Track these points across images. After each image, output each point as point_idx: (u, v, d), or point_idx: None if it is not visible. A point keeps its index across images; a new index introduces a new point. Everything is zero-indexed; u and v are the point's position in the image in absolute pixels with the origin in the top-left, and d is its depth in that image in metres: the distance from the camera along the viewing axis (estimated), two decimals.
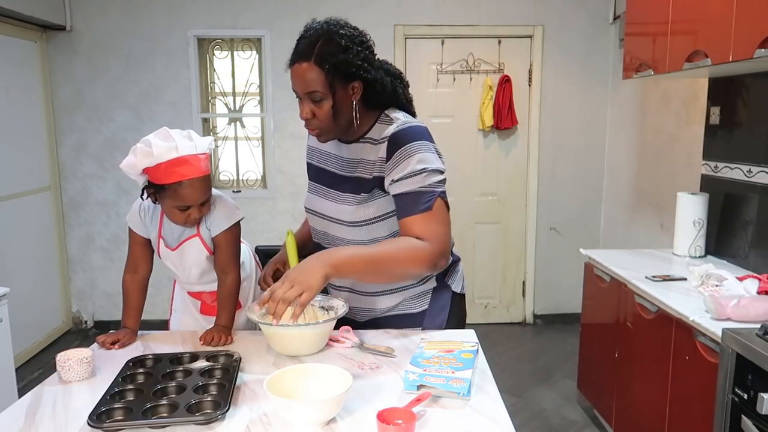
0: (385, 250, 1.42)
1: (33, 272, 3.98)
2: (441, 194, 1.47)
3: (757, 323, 1.77)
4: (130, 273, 1.72)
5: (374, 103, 1.53)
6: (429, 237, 1.43)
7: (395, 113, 1.54)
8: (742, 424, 1.65)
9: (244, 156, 4.41)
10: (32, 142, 4.01)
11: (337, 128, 1.49)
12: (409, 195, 1.45)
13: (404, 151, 1.45)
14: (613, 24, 4.17)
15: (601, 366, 2.83)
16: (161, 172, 1.51)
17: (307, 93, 1.43)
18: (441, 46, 4.22)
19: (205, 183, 1.56)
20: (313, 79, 1.40)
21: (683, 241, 2.74)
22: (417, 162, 1.44)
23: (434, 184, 1.45)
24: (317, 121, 1.46)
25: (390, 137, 1.48)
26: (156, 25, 4.15)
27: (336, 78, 1.41)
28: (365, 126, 1.54)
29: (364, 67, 1.44)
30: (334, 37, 1.42)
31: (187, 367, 1.40)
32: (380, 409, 1.13)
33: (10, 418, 1.21)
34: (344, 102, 1.45)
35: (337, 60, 1.40)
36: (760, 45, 1.92)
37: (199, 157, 1.55)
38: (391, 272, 1.45)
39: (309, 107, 1.45)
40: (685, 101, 3.17)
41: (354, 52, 1.42)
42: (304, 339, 1.45)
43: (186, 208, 1.56)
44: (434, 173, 1.46)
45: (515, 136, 4.33)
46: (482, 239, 4.43)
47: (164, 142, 1.51)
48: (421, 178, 1.44)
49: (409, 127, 1.49)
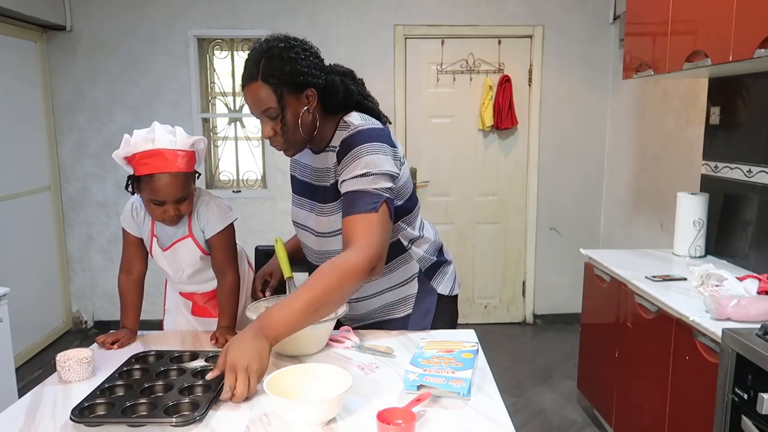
0: (316, 287, 1.30)
1: (33, 272, 3.98)
2: (387, 199, 1.42)
3: (757, 323, 1.77)
4: (124, 273, 1.72)
5: (332, 108, 1.52)
6: (366, 240, 1.36)
7: (352, 118, 1.51)
8: (742, 424, 1.65)
9: (244, 156, 4.41)
10: (32, 142, 4.01)
11: (301, 140, 1.49)
12: (354, 194, 1.41)
13: (353, 154, 1.43)
14: (613, 24, 4.17)
15: (601, 366, 2.83)
16: (136, 162, 1.51)
17: (262, 112, 1.43)
18: (441, 46, 4.22)
19: (178, 180, 1.52)
20: (265, 97, 1.41)
21: (683, 241, 2.74)
22: (364, 165, 1.41)
23: (381, 188, 1.41)
24: (279, 138, 1.46)
25: (341, 142, 1.47)
26: (156, 25, 4.15)
27: (286, 91, 1.41)
28: (328, 133, 1.54)
29: (311, 73, 1.44)
30: (274, 51, 1.41)
31: (182, 366, 1.41)
32: (380, 409, 1.14)
33: (10, 418, 1.21)
34: (299, 113, 1.44)
35: (283, 72, 1.40)
36: (760, 45, 1.92)
37: (177, 152, 1.52)
38: (332, 302, 1.34)
39: (269, 125, 1.45)
40: (685, 101, 3.17)
41: (298, 62, 1.42)
42: (304, 339, 1.45)
43: (160, 203, 1.54)
44: (381, 177, 1.42)
45: (515, 136, 4.33)
46: (482, 239, 4.43)
47: (144, 133, 1.52)
48: (368, 181, 1.41)
49: (360, 130, 1.46)
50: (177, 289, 1.81)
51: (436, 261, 1.68)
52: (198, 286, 1.77)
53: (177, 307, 1.84)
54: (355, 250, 1.35)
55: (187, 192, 1.57)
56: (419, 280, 1.64)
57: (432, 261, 1.67)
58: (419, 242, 1.64)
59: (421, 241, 1.65)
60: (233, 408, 1.23)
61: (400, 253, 1.61)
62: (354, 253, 1.34)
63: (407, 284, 1.64)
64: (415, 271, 1.64)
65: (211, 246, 1.67)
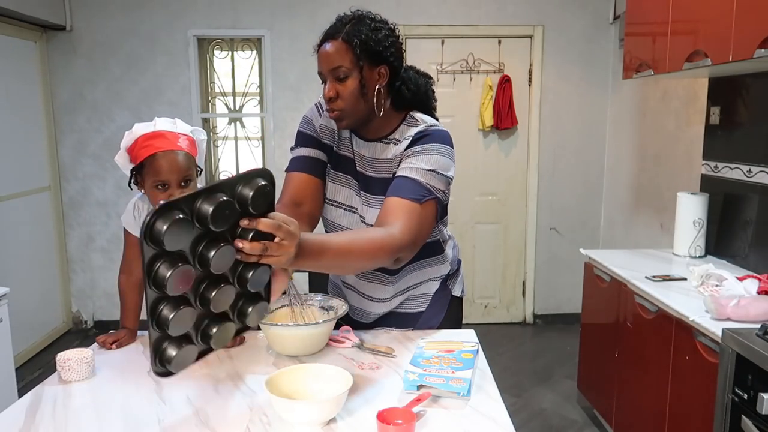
0: (355, 242, 1.27)
1: (33, 272, 3.97)
2: (438, 199, 1.43)
3: (757, 323, 1.77)
4: (125, 274, 1.72)
5: (402, 104, 1.52)
6: (403, 226, 1.33)
7: (421, 115, 1.53)
8: (742, 424, 1.65)
9: (244, 156, 4.41)
10: (32, 142, 4.01)
11: (361, 114, 1.45)
12: (409, 180, 1.41)
13: (426, 149, 1.45)
14: (613, 24, 4.17)
15: (601, 366, 2.83)
16: (138, 148, 1.52)
17: (331, 69, 1.41)
18: (441, 46, 4.22)
19: (180, 158, 1.51)
20: (340, 54, 1.39)
21: (683, 241, 2.74)
22: (433, 163, 1.43)
23: (437, 188, 1.43)
24: (340, 101, 1.42)
25: (415, 134, 1.47)
26: (156, 25, 4.15)
27: (363, 55, 1.40)
28: (390, 126, 1.52)
29: (391, 51, 1.44)
30: (364, 19, 1.44)
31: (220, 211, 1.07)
32: (380, 409, 1.13)
33: (10, 418, 1.21)
34: (369, 83, 1.43)
35: (366, 37, 1.40)
36: (760, 45, 1.92)
37: (177, 134, 1.54)
38: (355, 264, 1.32)
39: (334, 85, 1.42)
40: (685, 101, 3.17)
41: (383, 35, 1.43)
42: (304, 339, 1.45)
43: (164, 186, 1.52)
44: (442, 179, 1.44)
45: (515, 136, 4.33)
46: (482, 239, 4.43)
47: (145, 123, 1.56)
48: (429, 176, 1.42)
49: (436, 129, 1.49)
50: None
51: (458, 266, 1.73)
52: None
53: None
54: (396, 229, 1.32)
55: (190, 175, 1.56)
56: (441, 281, 1.67)
57: (456, 266, 1.71)
58: (448, 243, 1.69)
59: (450, 242, 1.70)
60: (233, 407, 1.23)
61: (438, 253, 1.64)
62: (394, 231, 1.31)
63: (431, 282, 1.66)
64: (445, 272, 1.67)
65: None
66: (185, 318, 1.03)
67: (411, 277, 1.62)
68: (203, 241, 1.02)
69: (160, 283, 0.98)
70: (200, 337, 1.09)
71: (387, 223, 1.34)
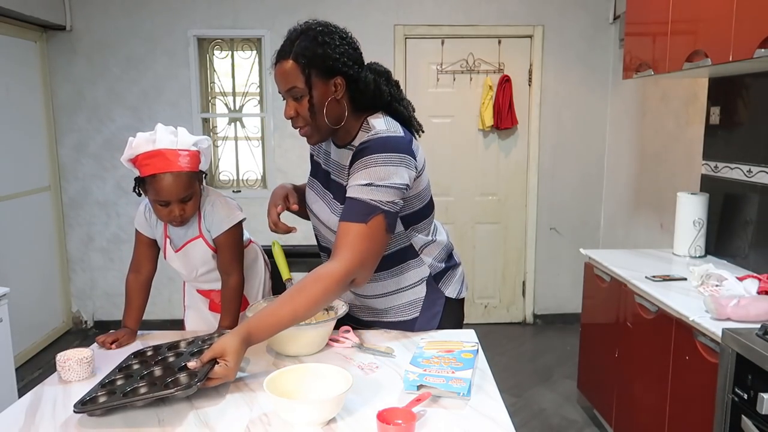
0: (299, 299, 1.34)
1: (33, 272, 3.98)
2: (385, 212, 1.40)
3: (757, 323, 1.77)
4: (133, 273, 1.73)
5: (361, 104, 1.51)
6: (348, 251, 1.37)
7: (376, 120, 1.49)
8: (742, 424, 1.65)
9: (244, 156, 4.41)
10: (32, 142, 4.01)
11: (324, 128, 1.47)
12: (351, 201, 1.41)
13: (363, 161, 1.42)
14: (613, 24, 4.17)
15: (601, 366, 2.83)
16: (139, 164, 1.53)
17: (287, 90, 1.43)
18: (441, 46, 4.22)
19: (181, 179, 1.53)
20: (292, 75, 1.41)
21: (683, 241, 2.74)
22: (369, 176, 1.40)
23: (380, 201, 1.40)
24: (300, 119, 1.45)
25: (358, 146, 1.46)
26: (156, 25, 4.15)
27: (314, 73, 1.40)
28: (353, 131, 1.52)
29: (342, 61, 1.43)
30: (311, 33, 1.42)
31: (180, 351, 1.43)
32: (380, 409, 1.14)
33: (10, 418, 1.21)
34: (324, 98, 1.43)
35: (314, 54, 1.40)
36: (760, 45, 1.92)
37: (178, 152, 1.53)
38: (313, 311, 1.37)
39: (292, 105, 1.44)
40: (685, 101, 3.17)
41: (332, 47, 1.41)
42: (304, 339, 1.45)
43: (165, 203, 1.55)
44: (384, 189, 1.40)
45: (515, 136, 4.33)
46: (482, 239, 4.43)
47: (147, 135, 1.54)
48: (368, 191, 1.40)
49: (378, 138, 1.44)
50: (194, 287, 1.82)
51: (445, 267, 1.67)
52: (213, 284, 1.77)
53: (195, 303, 1.86)
54: (336, 260, 1.37)
55: (192, 191, 1.57)
56: (428, 283, 1.63)
57: (441, 267, 1.65)
58: (432, 247, 1.63)
59: (434, 246, 1.63)
60: (233, 407, 1.23)
61: (411, 257, 1.60)
62: (334, 263, 1.37)
63: (416, 287, 1.62)
64: (425, 275, 1.63)
65: (217, 245, 1.68)
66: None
67: (389, 282, 1.60)
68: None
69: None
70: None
71: (335, 252, 1.39)
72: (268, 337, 1.36)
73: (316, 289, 1.35)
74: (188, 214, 1.59)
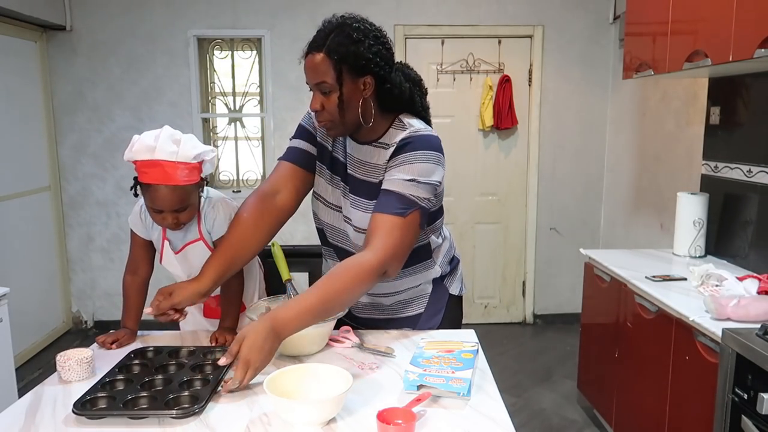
0: (329, 288, 1.34)
1: (33, 272, 3.97)
2: (421, 208, 1.44)
3: (757, 323, 1.77)
4: (130, 274, 1.72)
5: (390, 107, 1.51)
6: (384, 242, 1.38)
7: (410, 119, 1.52)
8: (742, 424, 1.65)
9: (244, 156, 4.41)
10: (32, 142, 4.01)
11: (345, 124, 1.46)
12: (391, 193, 1.42)
13: (408, 157, 1.44)
14: (613, 24, 4.17)
15: (601, 366, 2.83)
16: (138, 169, 1.51)
17: (316, 84, 1.42)
18: (441, 46, 4.22)
19: (176, 192, 1.50)
20: (323, 70, 1.39)
21: (683, 241, 2.74)
22: (414, 172, 1.43)
23: (420, 197, 1.42)
24: (326, 113, 1.44)
25: (399, 141, 1.47)
26: (156, 25, 4.15)
27: (345, 70, 1.39)
28: (380, 129, 1.52)
29: (375, 61, 1.42)
30: (346, 29, 1.40)
31: (181, 361, 1.43)
32: (380, 409, 1.13)
33: (10, 418, 1.21)
34: (353, 96, 1.43)
35: (347, 51, 1.38)
36: (760, 45, 1.92)
37: (177, 164, 1.47)
38: (343, 303, 1.39)
39: (319, 98, 1.43)
40: (685, 101, 3.17)
41: (365, 46, 1.40)
42: (304, 339, 1.45)
43: (159, 210, 1.53)
44: (425, 186, 1.43)
45: (515, 136, 4.33)
46: (482, 239, 4.43)
47: (149, 140, 1.48)
48: (410, 186, 1.42)
49: (419, 135, 1.47)
50: None
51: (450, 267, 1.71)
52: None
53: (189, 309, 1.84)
54: (371, 251, 1.37)
55: (187, 203, 1.55)
56: (434, 280, 1.67)
57: (448, 269, 1.70)
58: (441, 248, 1.67)
59: (443, 246, 1.67)
60: (233, 407, 1.23)
61: (425, 258, 1.62)
62: (369, 254, 1.37)
63: (424, 285, 1.65)
64: (437, 275, 1.66)
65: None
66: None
67: (403, 281, 1.62)
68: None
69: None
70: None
71: (369, 242, 1.40)
72: (298, 325, 1.31)
73: (347, 278, 1.34)
74: (182, 221, 1.57)
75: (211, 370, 1.37)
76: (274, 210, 1.58)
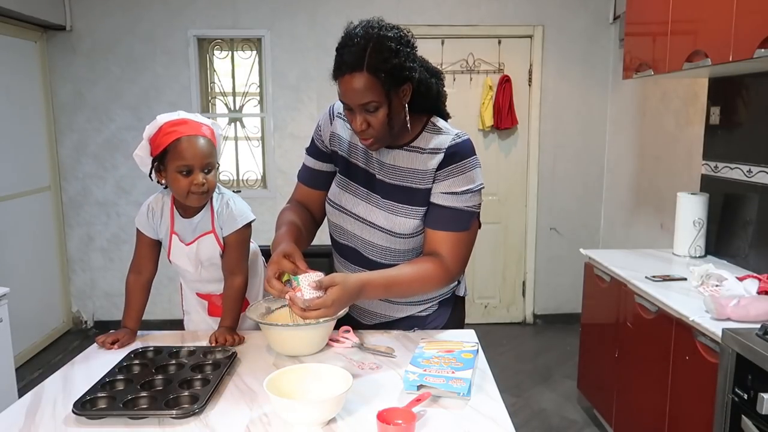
0: (402, 275, 1.43)
1: (33, 272, 3.97)
2: (478, 213, 1.50)
3: (757, 323, 1.77)
4: (134, 273, 1.72)
5: (417, 107, 1.49)
6: (452, 258, 1.46)
7: (440, 122, 1.53)
8: (742, 424, 1.65)
9: (244, 156, 4.41)
10: (32, 142, 4.01)
11: (391, 135, 1.44)
12: (450, 210, 1.46)
13: (459, 167, 1.46)
14: (613, 24, 4.17)
15: (601, 366, 2.83)
16: (162, 134, 1.56)
17: (361, 104, 1.35)
18: (441, 46, 4.22)
19: (205, 144, 1.58)
20: (368, 89, 1.32)
21: (683, 241, 2.74)
22: (466, 181, 1.46)
23: (474, 205, 1.48)
24: (372, 130, 1.38)
25: (447, 150, 1.47)
26: (156, 25, 4.15)
27: (391, 84, 1.35)
28: (411, 132, 1.51)
29: (413, 67, 1.41)
30: (383, 41, 1.34)
31: (181, 361, 1.43)
32: (380, 409, 1.14)
33: (10, 418, 1.21)
34: (399, 107, 1.40)
35: (391, 66, 1.33)
36: (760, 45, 1.92)
37: (200, 123, 1.60)
38: (403, 294, 1.52)
39: (363, 118, 1.37)
40: (685, 101, 3.17)
41: (404, 54, 1.37)
42: (304, 339, 1.45)
43: (188, 171, 1.55)
44: (477, 193, 1.48)
45: (515, 136, 4.33)
46: (482, 239, 4.40)
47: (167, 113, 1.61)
48: (466, 199, 1.46)
49: (464, 141, 1.49)
50: (194, 290, 1.80)
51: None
52: (214, 286, 1.76)
53: (194, 308, 1.84)
54: (447, 264, 1.46)
55: (212, 162, 1.60)
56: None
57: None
58: None
59: None
60: (233, 407, 1.23)
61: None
62: (441, 268, 1.45)
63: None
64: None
65: (226, 244, 1.68)
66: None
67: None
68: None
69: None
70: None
71: (439, 254, 1.46)
72: (380, 294, 1.45)
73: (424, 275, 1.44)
74: (209, 186, 1.60)
75: (211, 370, 1.37)
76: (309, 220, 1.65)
